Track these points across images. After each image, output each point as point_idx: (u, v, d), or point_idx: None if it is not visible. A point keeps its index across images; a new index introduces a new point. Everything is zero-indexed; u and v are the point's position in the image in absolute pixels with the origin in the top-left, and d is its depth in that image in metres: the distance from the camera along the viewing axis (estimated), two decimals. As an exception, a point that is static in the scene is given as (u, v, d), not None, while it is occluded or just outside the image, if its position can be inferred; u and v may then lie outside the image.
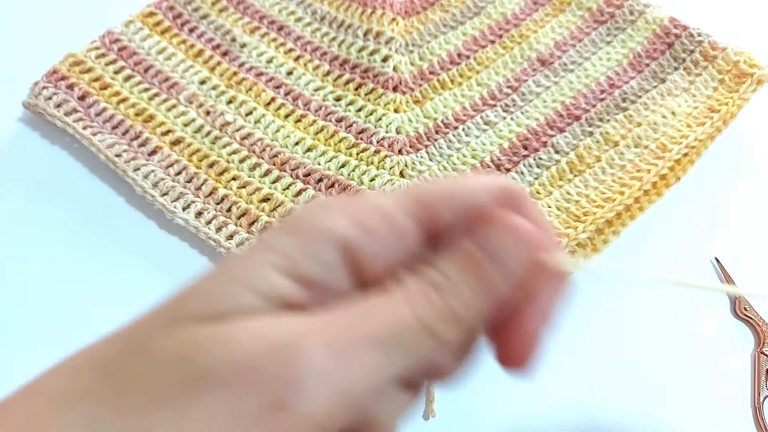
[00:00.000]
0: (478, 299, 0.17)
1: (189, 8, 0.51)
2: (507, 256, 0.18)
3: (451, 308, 0.17)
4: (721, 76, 0.46)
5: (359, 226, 0.17)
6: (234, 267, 0.17)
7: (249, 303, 0.16)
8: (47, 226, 0.42)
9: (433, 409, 0.36)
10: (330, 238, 0.17)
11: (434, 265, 0.18)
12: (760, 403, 0.36)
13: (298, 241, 0.17)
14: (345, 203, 0.18)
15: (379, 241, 0.18)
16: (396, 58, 0.48)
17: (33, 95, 0.45)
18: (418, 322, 0.17)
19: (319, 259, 0.17)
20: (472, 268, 0.17)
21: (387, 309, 0.17)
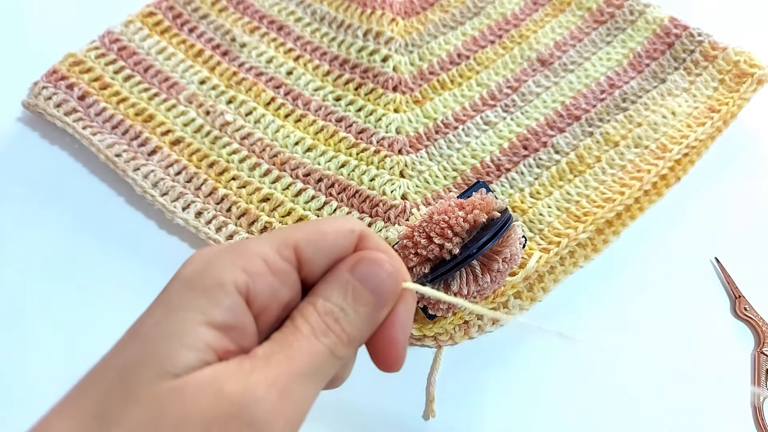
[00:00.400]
0: (366, 323, 0.23)
1: (189, 8, 0.51)
2: (382, 287, 0.23)
3: (348, 333, 0.22)
4: (722, 76, 0.46)
5: (250, 273, 0.21)
6: (165, 330, 0.20)
7: (193, 359, 0.20)
8: (47, 225, 0.42)
9: (433, 409, 0.36)
10: (230, 287, 0.21)
11: (325, 296, 0.22)
12: (760, 403, 0.36)
13: (206, 297, 0.21)
14: (233, 255, 0.22)
15: (268, 284, 0.22)
16: (396, 58, 0.48)
17: (33, 95, 0.45)
18: (328, 351, 0.22)
19: (228, 307, 0.21)
20: (359, 298, 0.23)
21: (305, 346, 0.21)
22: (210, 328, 0.20)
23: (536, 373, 0.37)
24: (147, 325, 0.21)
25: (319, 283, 0.23)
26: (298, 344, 0.21)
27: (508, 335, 0.39)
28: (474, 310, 0.25)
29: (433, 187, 0.42)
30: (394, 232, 0.39)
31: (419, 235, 0.33)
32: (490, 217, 0.33)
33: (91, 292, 0.40)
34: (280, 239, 0.23)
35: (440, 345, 0.38)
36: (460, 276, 0.33)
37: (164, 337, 0.20)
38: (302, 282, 0.23)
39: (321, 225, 0.24)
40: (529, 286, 0.40)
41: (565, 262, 0.41)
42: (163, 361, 0.19)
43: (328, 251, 0.23)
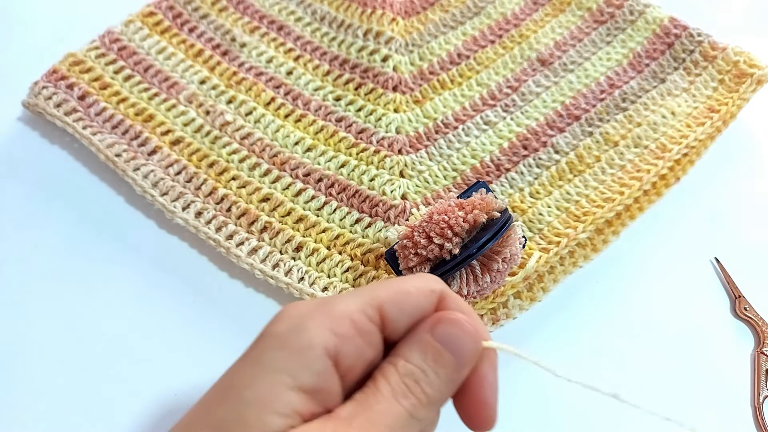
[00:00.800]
0: (446, 384, 0.23)
1: (189, 8, 0.51)
2: (462, 348, 0.23)
3: (428, 395, 0.22)
4: (721, 76, 0.46)
5: (339, 335, 0.22)
6: (256, 393, 0.21)
7: (281, 425, 0.20)
8: (47, 225, 0.42)
9: (432, 409, 0.36)
10: (320, 350, 0.21)
11: (406, 357, 0.23)
12: (760, 403, 0.36)
13: (297, 359, 0.21)
14: (321, 314, 0.22)
15: (354, 346, 0.22)
16: (396, 58, 0.48)
17: (33, 95, 0.45)
18: (408, 413, 0.22)
19: (317, 371, 0.21)
20: (439, 359, 0.23)
21: (385, 408, 0.21)
22: (299, 393, 0.21)
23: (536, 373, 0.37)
24: (238, 385, 0.21)
25: (400, 344, 0.23)
26: (378, 406, 0.21)
27: (508, 335, 0.39)
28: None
29: (433, 187, 0.42)
30: (394, 232, 0.39)
31: (419, 235, 0.33)
32: (490, 217, 0.33)
33: (91, 291, 0.40)
34: (366, 299, 0.23)
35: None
36: (460, 276, 0.33)
37: (255, 401, 0.21)
38: (386, 341, 0.24)
39: (404, 284, 0.24)
40: (528, 286, 0.40)
41: (565, 262, 0.41)
42: (252, 426, 0.20)
43: (410, 311, 0.23)
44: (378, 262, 0.40)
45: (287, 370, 0.21)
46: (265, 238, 0.40)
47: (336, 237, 0.40)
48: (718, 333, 0.39)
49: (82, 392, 0.36)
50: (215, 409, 0.22)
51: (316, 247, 0.40)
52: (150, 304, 0.32)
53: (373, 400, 0.22)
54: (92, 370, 0.37)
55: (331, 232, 0.41)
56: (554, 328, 0.39)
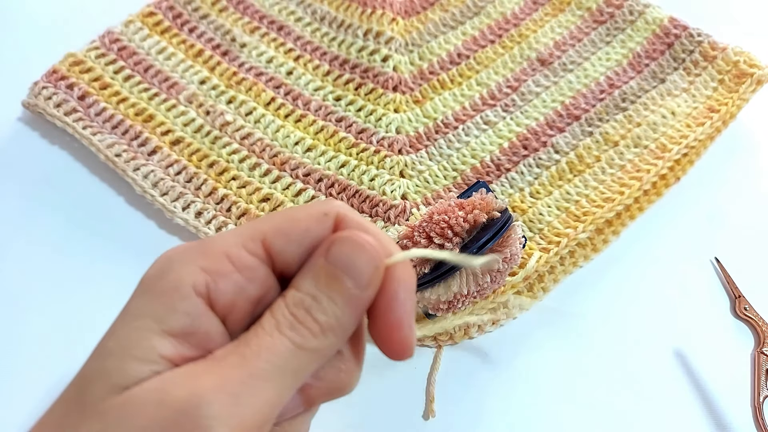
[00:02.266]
0: (341, 308, 0.21)
1: (189, 8, 0.51)
2: (359, 268, 0.21)
3: (321, 323, 0.20)
4: (721, 76, 0.46)
5: (211, 273, 0.20)
6: (117, 342, 0.20)
7: (144, 371, 0.19)
8: (47, 225, 0.42)
9: (433, 409, 0.36)
10: (188, 290, 0.20)
11: (297, 286, 0.21)
12: (759, 403, 0.36)
13: (162, 302, 0.20)
14: (195, 254, 0.21)
15: (232, 282, 0.20)
16: (396, 58, 0.48)
17: (33, 95, 0.45)
18: (294, 345, 0.20)
19: (186, 312, 0.20)
20: (332, 283, 0.21)
21: (266, 343, 0.19)
22: (165, 337, 0.19)
23: (536, 373, 0.37)
24: (105, 337, 0.20)
25: (296, 275, 0.21)
26: (257, 341, 0.20)
27: (509, 335, 0.39)
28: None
29: (433, 187, 0.42)
30: (394, 232, 0.39)
31: (419, 236, 0.33)
32: (490, 217, 0.33)
33: (91, 291, 0.40)
34: (248, 233, 0.21)
35: (440, 345, 0.38)
36: (460, 276, 0.33)
37: (117, 350, 0.20)
38: (280, 276, 0.22)
39: (292, 212, 0.22)
40: (528, 286, 0.40)
41: (565, 262, 0.41)
42: (112, 376, 0.19)
43: (300, 240, 0.21)
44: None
45: (151, 315, 0.20)
46: (265, 238, 0.40)
47: (336, 237, 0.40)
48: (718, 333, 0.39)
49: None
50: (85, 365, 0.20)
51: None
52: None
53: (252, 335, 0.20)
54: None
55: (331, 232, 0.41)
56: (554, 328, 0.39)
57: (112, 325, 0.21)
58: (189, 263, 0.20)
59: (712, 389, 0.37)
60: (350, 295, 0.21)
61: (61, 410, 0.20)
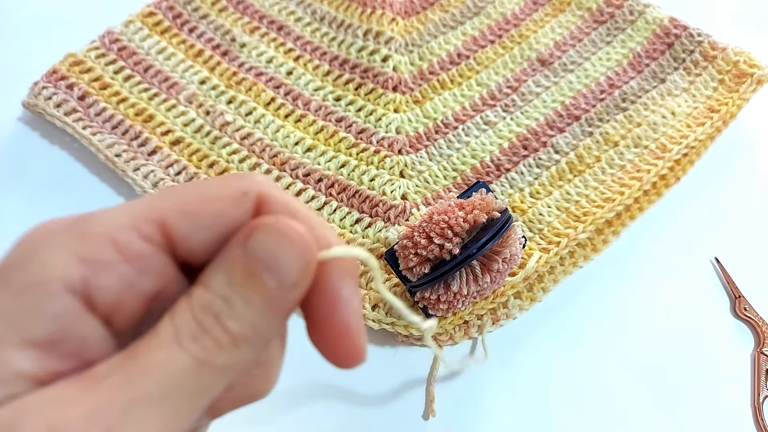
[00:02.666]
0: (259, 313, 0.16)
1: (189, 8, 0.51)
2: (284, 263, 0.16)
3: (233, 334, 0.16)
4: (721, 76, 0.46)
5: (89, 262, 0.16)
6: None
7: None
8: (47, 226, 0.42)
9: (433, 409, 0.36)
10: (57, 286, 0.15)
11: (205, 284, 0.16)
12: (759, 403, 0.36)
13: (21, 302, 0.15)
14: (66, 236, 0.16)
15: (118, 275, 0.16)
16: (396, 58, 0.48)
17: (33, 95, 0.45)
18: (197, 361, 0.15)
19: (54, 315, 0.15)
20: (250, 282, 0.16)
21: (159, 358, 0.15)
22: (25, 348, 0.15)
23: (536, 373, 0.37)
24: None
25: (205, 269, 0.17)
26: (148, 356, 0.15)
27: (509, 335, 0.39)
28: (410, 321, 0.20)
29: (433, 187, 0.42)
30: (394, 233, 0.39)
31: (419, 235, 0.33)
32: (490, 218, 0.33)
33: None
34: (141, 212, 0.17)
35: (440, 345, 0.38)
36: (460, 276, 0.33)
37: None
38: (184, 265, 0.17)
39: (202, 188, 0.17)
40: (528, 286, 0.40)
41: (565, 262, 0.41)
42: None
43: (211, 225, 0.17)
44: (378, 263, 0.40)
45: (6, 319, 0.15)
46: (265, 238, 0.40)
47: (336, 237, 0.40)
48: (718, 333, 0.39)
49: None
50: None
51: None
52: None
53: (144, 347, 0.15)
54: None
55: (331, 232, 0.41)
56: (554, 328, 0.39)
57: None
58: (59, 249, 0.16)
59: (712, 389, 0.37)
60: (272, 297, 0.16)
61: None
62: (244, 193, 0.17)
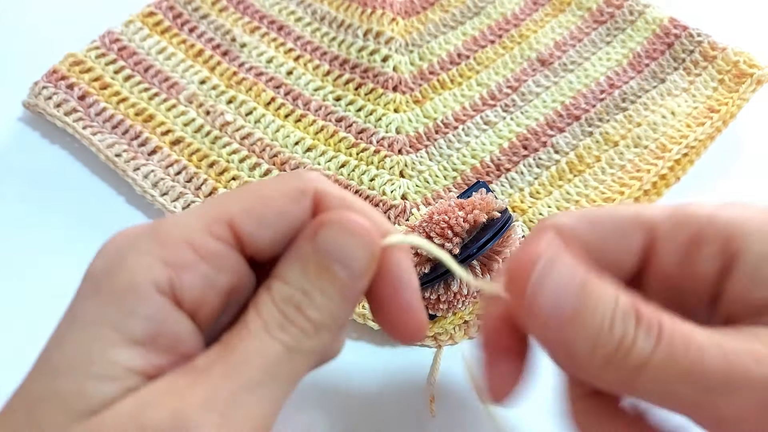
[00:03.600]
0: (336, 302, 0.18)
1: (189, 8, 0.51)
2: (351, 255, 0.18)
3: (314, 322, 0.18)
4: (721, 76, 0.46)
5: (172, 265, 0.17)
6: (72, 356, 0.16)
7: (111, 390, 0.16)
8: (47, 225, 0.42)
9: (433, 408, 0.36)
10: (148, 288, 0.17)
11: (283, 278, 0.18)
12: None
13: (118, 306, 0.17)
14: (151, 243, 0.18)
15: (199, 274, 0.18)
16: (396, 58, 0.48)
17: (33, 95, 0.45)
18: (286, 348, 0.17)
19: (149, 315, 0.17)
20: (324, 275, 0.18)
21: (255, 348, 0.17)
22: (128, 347, 0.16)
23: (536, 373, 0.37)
24: (49, 349, 0.18)
25: (278, 263, 0.19)
26: (244, 347, 0.17)
27: (508, 335, 0.39)
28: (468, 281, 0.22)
29: (433, 187, 0.43)
30: None
31: (419, 235, 0.33)
32: (490, 217, 0.33)
33: (91, 291, 0.40)
34: (211, 215, 0.18)
35: (440, 345, 0.38)
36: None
37: (68, 368, 0.16)
38: (251, 260, 0.19)
39: (262, 189, 0.19)
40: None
41: (565, 262, 0.41)
42: (70, 399, 0.16)
43: (274, 221, 0.19)
44: (378, 262, 0.40)
45: (107, 322, 0.17)
46: (266, 238, 0.40)
47: (336, 237, 0.40)
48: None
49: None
50: (31, 383, 0.18)
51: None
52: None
53: (238, 339, 0.17)
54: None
55: (331, 232, 0.41)
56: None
57: (55, 335, 0.18)
58: (144, 255, 0.17)
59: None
60: (344, 286, 0.18)
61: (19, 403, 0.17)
62: (302, 191, 0.19)
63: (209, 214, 0.19)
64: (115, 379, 0.16)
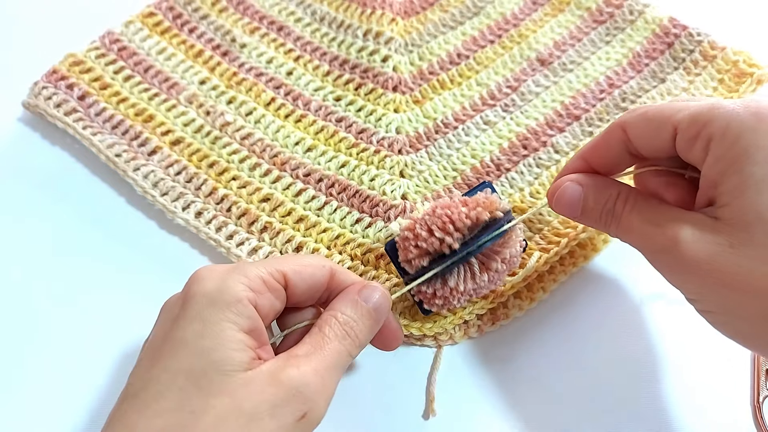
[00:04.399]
0: (370, 330, 0.31)
1: (189, 8, 0.51)
2: (382, 307, 0.32)
3: (359, 338, 0.30)
4: (721, 75, 0.46)
5: (254, 290, 0.29)
6: (215, 341, 0.27)
7: (243, 358, 0.27)
8: (47, 226, 0.42)
9: (433, 408, 0.36)
10: (247, 302, 0.28)
11: (342, 311, 0.30)
12: (759, 403, 0.36)
13: (233, 311, 0.28)
14: (239, 276, 0.29)
15: (267, 299, 0.29)
16: (396, 58, 0.48)
17: (33, 95, 0.45)
18: (347, 351, 0.30)
19: (248, 316, 0.28)
20: (365, 313, 0.31)
21: (332, 347, 0.29)
22: (243, 333, 0.27)
23: (536, 373, 0.38)
24: (189, 338, 0.27)
25: (334, 303, 0.31)
26: (328, 346, 0.29)
27: (509, 335, 0.39)
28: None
29: (433, 187, 0.43)
30: (396, 225, 0.39)
31: (421, 228, 0.33)
32: (492, 217, 0.33)
33: (91, 292, 0.40)
34: (273, 266, 0.30)
35: (440, 345, 0.38)
36: (458, 272, 0.33)
37: (215, 346, 0.26)
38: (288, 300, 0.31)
39: (302, 259, 0.32)
40: (528, 286, 0.40)
41: (565, 262, 0.41)
42: (223, 364, 0.26)
43: (308, 278, 0.31)
44: (378, 262, 0.40)
45: (229, 320, 0.27)
46: (266, 238, 0.40)
47: (336, 237, 0.41)
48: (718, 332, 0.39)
49: (82, 392, 0.36)
50: (179, 359, 0.26)
51: (317, 247, 0.40)
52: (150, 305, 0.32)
53: (323, 342, 0.29)
54: (92, 370, 0.37)
55: (331, 232, 0.41)
56: (554, 328, 0.39)
57: (187, 328, 0.27)
58: (238, 283, 0.28)
59: (712, 389, 0.37)
60: (375, 320, 0.31)
61: (176, 399, 0.25)
62: (324, 264, 0.32)
63: (273, 266, 0.30)
64: (244, 350, 0.27)
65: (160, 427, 0.25)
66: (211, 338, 0.26)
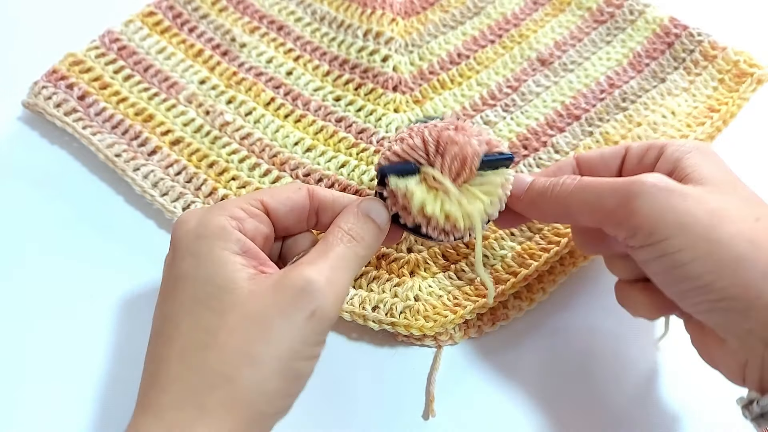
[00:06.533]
0: (372, 235, 0.32)
1: (189, 8, 0.51)
2: (380, 213, 0.32)
3: (366, 240, 0.31)
4: (721, 75, 0.46)
5: (236, 218, 0.30)
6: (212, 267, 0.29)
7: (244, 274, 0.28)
8: (46, 225, 0.42)
9: (433, 408, 0.36)
10: (232, 228, 0.30)
11: (345, 221, 0.32)
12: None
13: (221, 238, 0.29)
14: (219, 210, 0.30)
15: (251, 223, 0.31)
16: (396, 58, 0.48)
17: (33, 95, 0.45)
18: (354, 252, 0.31)
19: (238, 240, 0.29)
20: (366, 219, 0.32)
21: (338, 250, 0.30)
22: (236, 255, 0.29)
23: (536, 374, 0.37)
24: (190, 270, 0.29)
25: (338, 218, 0.32)
26: (333, 250, 0.30)
27: (509, 335, 0.39)
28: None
29: (433, 187, 0.42)
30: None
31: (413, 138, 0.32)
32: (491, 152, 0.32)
33: (90, 291, 0.40)
34: (248, 197, 0.32)
35: (440, 345, 0.38)
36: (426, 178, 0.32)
37: (214, 271, 0.28)
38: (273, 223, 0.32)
39: (275, 187, 0.34)
40: (528, 286, 0.40)
41: (565, 262, 0.40)
42: (226, 284, 0.28)
43: (285, 201, 0.32)
44: (378, 262, 0.40)
45: (217, 246, 0.29)
46: (265, 238, 0.40)
47: (336, 237, 0.40)
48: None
49: (82, 392, 0.36)
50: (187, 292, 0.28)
51: (316, 247, 0.40)
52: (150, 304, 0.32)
53: (328, 247, 0.30)
54: (92, 370, 0.37)
55: (331, 232, 0.41)
56: (554, 328, 0.39)
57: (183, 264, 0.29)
58: (218, 216, 0.30)
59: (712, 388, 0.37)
60: (376, 228, 0.32)
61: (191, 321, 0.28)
62: (299, 187, 0.33)
63: (247, 197, 0.32)
64: (242, 269, 0.28)
65: (180, 348, 0.27)
66: (207, 266, 0.28)
